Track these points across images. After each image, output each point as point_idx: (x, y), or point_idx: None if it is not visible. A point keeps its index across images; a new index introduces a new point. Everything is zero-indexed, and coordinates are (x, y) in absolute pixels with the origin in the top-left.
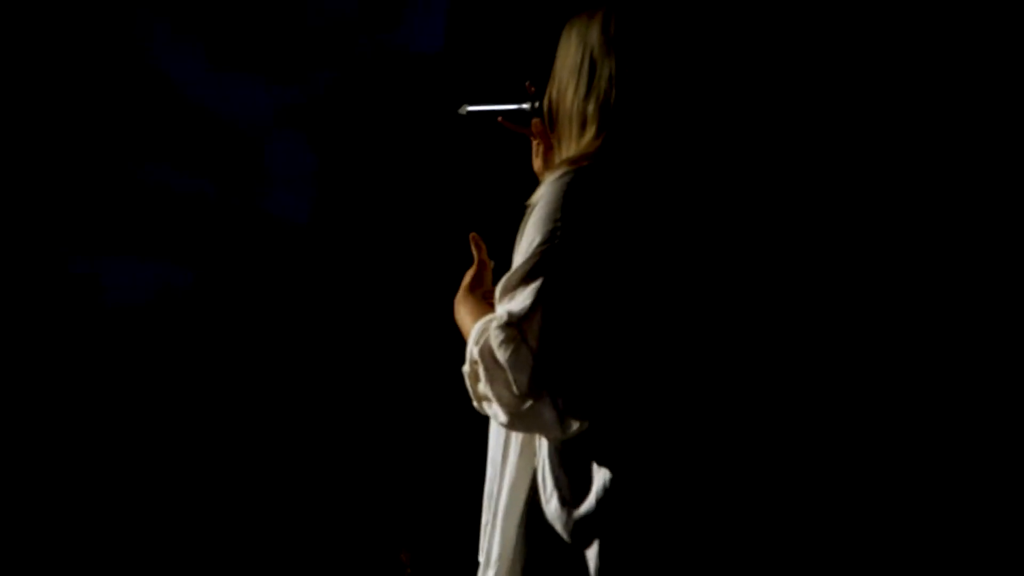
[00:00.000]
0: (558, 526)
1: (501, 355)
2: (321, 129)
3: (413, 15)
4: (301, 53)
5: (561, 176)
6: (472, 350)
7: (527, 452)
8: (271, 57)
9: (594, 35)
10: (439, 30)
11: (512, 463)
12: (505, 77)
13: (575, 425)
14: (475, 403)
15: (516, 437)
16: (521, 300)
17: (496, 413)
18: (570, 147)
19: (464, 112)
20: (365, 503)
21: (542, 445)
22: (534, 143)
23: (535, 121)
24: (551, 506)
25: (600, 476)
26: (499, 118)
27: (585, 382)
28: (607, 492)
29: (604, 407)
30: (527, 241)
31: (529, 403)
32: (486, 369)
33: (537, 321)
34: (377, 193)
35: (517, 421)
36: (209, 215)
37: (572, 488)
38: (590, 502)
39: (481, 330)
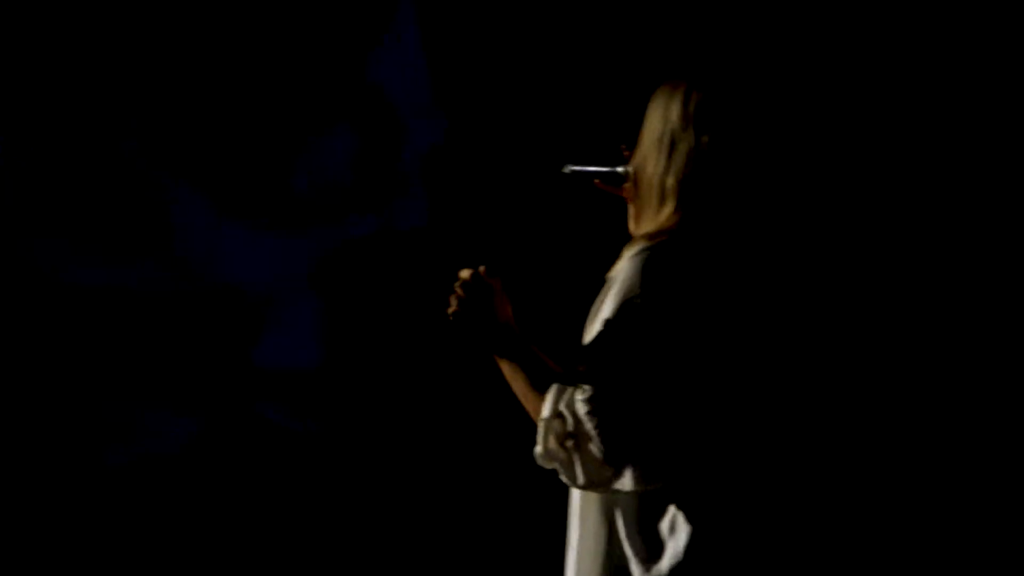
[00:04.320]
0: None
1: (589, 425)
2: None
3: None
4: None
5: (639, 252)
6: (559, 406)
7: (593, 508)
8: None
9: (675, 110)
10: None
11: (576, 518)
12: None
13: (651, 487)
14: (540, 454)
15: (580, 494)
16: (604, 373)
17: (575, 475)
18: (649, 220)
19: (567, 171)
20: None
21: (618, 508)
22: (629, 205)
23: (627, 185)
24: (633, 568)
25: (675, 541)
26: (596, 180)
27: (665, 448)
28: (686, 554)
29: (682, 471)
30: (608, 315)
31: (611, 470)
32: (577, 428)
33: (620, 393)
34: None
35: (593, 485)
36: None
37: (649, 551)
38: (664, 566)
39: (565, 393)
